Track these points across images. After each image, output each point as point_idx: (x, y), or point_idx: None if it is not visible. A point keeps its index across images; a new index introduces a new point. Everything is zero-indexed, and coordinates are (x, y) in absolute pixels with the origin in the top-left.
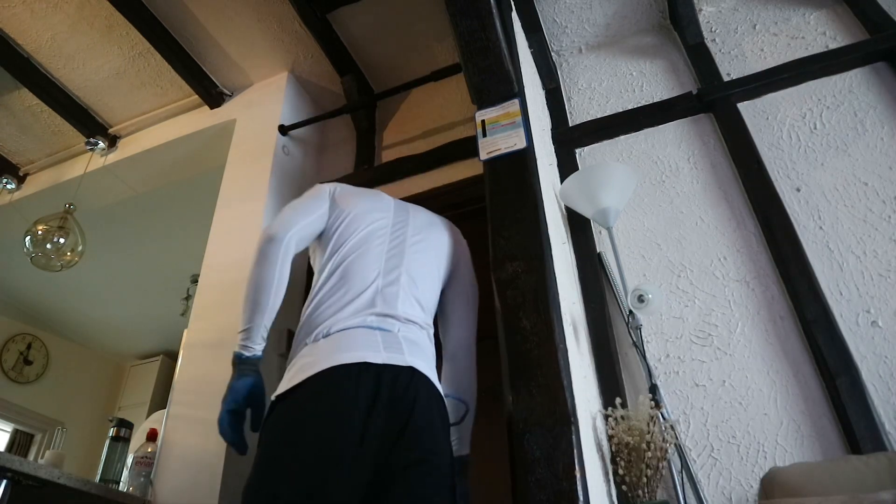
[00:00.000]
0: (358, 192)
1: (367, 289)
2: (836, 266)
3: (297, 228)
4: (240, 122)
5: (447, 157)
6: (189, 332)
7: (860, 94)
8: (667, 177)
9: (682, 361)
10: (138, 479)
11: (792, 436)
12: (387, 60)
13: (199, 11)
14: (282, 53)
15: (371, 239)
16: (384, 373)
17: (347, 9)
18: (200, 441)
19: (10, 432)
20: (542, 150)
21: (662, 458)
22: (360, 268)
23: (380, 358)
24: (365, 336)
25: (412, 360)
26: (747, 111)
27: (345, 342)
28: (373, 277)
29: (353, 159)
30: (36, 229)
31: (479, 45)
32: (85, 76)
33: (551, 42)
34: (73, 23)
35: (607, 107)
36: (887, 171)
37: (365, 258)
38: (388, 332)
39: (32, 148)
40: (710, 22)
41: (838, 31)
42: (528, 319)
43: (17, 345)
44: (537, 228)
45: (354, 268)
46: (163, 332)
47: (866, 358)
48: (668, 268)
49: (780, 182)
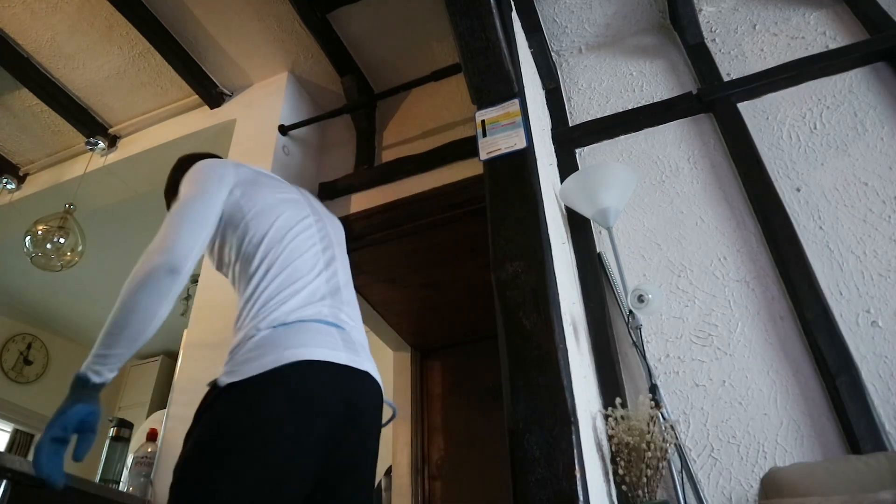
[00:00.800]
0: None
1: (315, 279)
2: (836, 266)
3: (197, 252)
4: (240, 122)
5: (447, 157)
6: (189, 332)
7: (860, 94)
8: (667, 177)
9: (682, 361)
10: (138, 479)
11: (792, 436)
12: (387, 60)
13: (199, 11)
14: (282, 53)
15: (301, 228)
16: (348, 378)
17: (347, 9)
18: None
19: (10, 432)
20: (542, 150)
21: (662, 458)
22: (301, 257)
23: (341, 358)
24: (324, 332)
25: (367, 366)
26: (747, 111)
27: (305, 335)
28: (318, 269)
29: (353, 159)
30: (36, 229)
31: (479, 45)
32: (85, 76)
33: (551, 42)
34: (73, 23)
35: (607, 107)
36: (887, 171)
37: (302, 248)
38: (342, 330)
39: (32, 148)
40: (710, 22)
41: (838, 31)
42: (528, 319)
43: (17, 345)
44: (537, 228)
45: (295, 257)
46: (163, 332)
47: (866, 358)
48: (668, 268)
49: (780, 182)
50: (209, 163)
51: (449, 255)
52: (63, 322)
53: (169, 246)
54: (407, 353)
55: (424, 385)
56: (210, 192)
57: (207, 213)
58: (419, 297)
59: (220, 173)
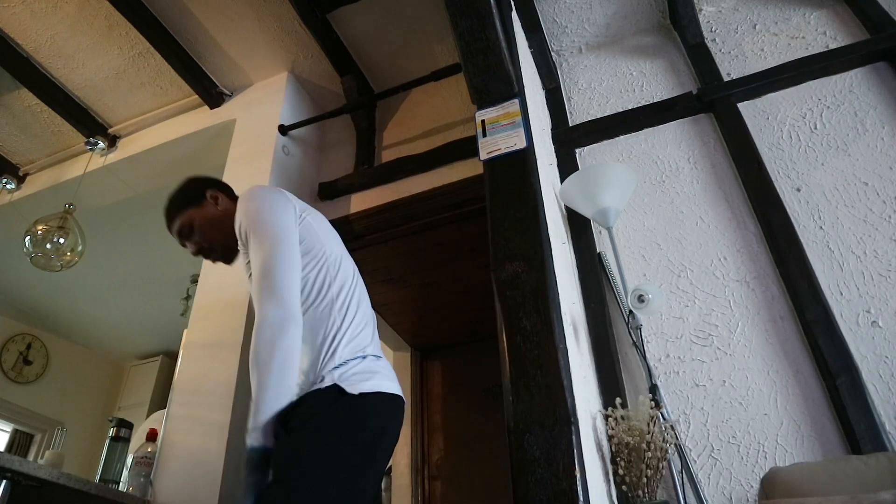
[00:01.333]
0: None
1: (371, 320)
2: (837, 266)
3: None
4: (240, 122)
5: (447, 157)
6: (189, 332)
7: (860, 94)
8: (667, 177)
9: (683, 361)
10: (138, 479)
11: (792, 436)
12: (387, 60)
13: (199, 11)
14: (282, 53)
15: (354, 271)
16: (399, 406)
17: (347, 9)
18: (200, 441)
19: (9, 432)
20: (542, 150)
21: (662, 458)
22: (362, 297)
23: (400, 392)
24: (390, 368)
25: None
26: (747, 111)
27: (387, 371)
28: (371, 310)
29: (352, 159)
30: (36, 229)
31: (479, 45)
32: (85, 76)
33: (551, 42)
34: (73, 23)
35: (607, 107)
36: (887, 171)
37: (359, 288)
38: (389, 365)
39: (32, 148)
40: (711, 22)
41: (838, 31)
42: (528, 319)
43: (17, 345)
44: (537, 228)
45: (357, 296)
46: (163, 332)
47: (866, 358)
48: (668, 268)
49: (780, 182)
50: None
51: (449, 255)
52: (63, 322)
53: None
54: (407, 353)
55: (424, 385)
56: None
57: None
58: (419, 297)
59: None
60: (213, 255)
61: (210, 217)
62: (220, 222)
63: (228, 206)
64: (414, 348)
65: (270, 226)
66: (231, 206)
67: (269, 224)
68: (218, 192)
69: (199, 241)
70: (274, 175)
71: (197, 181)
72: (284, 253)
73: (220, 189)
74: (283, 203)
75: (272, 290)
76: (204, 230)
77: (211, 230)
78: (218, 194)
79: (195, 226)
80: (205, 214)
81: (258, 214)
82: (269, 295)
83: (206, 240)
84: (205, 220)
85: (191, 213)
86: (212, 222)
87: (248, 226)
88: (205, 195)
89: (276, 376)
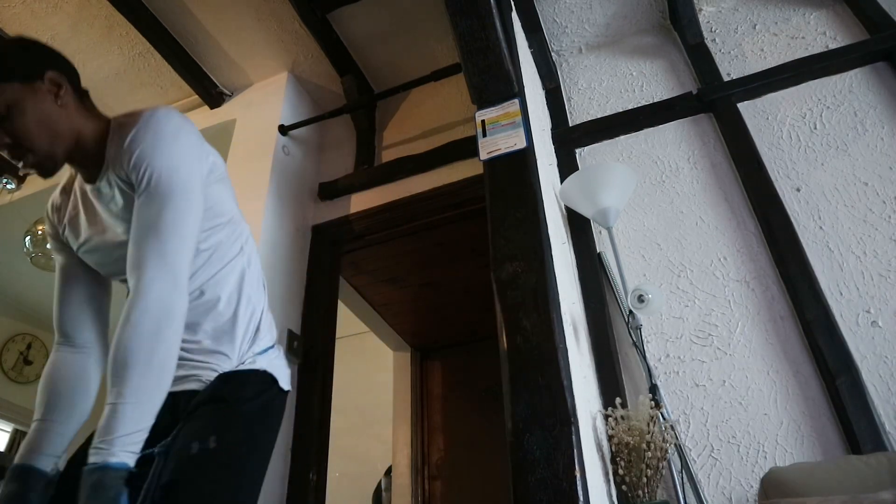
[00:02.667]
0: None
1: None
2: (836, 266)
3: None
4: (240, 122)
5: (447, 157)
6: None
7: (860, 94)
8: (667, 177)
9: (682, 361)
10: None
11: (792, 436)
12: (387, 60)
13: (199, 11)
14: (282, 53)
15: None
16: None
17: (347, 9)
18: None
19: (9, 432)
20: (542, 150)
21: (662, 458)
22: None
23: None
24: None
25: None
26: (747, 111)
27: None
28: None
29: (353, 159)
30: (36, 229)
31: (479, 45)
32: (85, 76)
33: (551, 42)
34: (73, 23)
35: (607, 107)
36: (887, 171)
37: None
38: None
39: None
40: (710, 22)
41: (838, 31)
42: (528, 319)
43: (17, 345)
44: (537, 228)
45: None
46: None
47: (866, 358)
48: (668, 268)
49: (780, 182)
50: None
51: (449, 255)
52: None
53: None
54: (407, 353)
55: (424, 385)
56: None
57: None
58: (419, 297)
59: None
60: (29, 158)
61: (40, 109)
62: (53, 121)
63: (70, 105)
64: (414, 348)
65: (184, 172)
66: (74, 106)
67: (181, 170)
68: (62, 78)
69: (12, 132)
70: (274, 175)
71: (38, 49)
72: (187, 210)
73: (65, 75)
74: (199, 144)
75: (162, 255)
76: (26, 122)
77: (37, 126)
78: (62, 82)
79: (14, 110)
80: (35, 102)
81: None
82: (157, 260)
83: (25, 135)
84: (32, 108)
85: (16, 89)
86: (41, 116)
87: (150, 163)
88: (42, 75)
89: (157, 377)
